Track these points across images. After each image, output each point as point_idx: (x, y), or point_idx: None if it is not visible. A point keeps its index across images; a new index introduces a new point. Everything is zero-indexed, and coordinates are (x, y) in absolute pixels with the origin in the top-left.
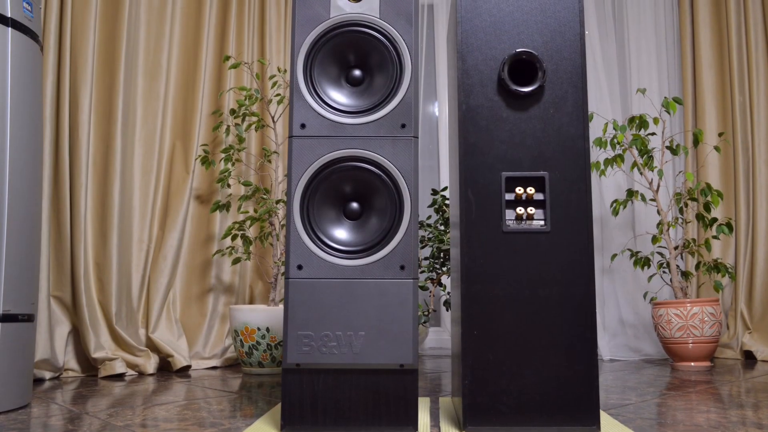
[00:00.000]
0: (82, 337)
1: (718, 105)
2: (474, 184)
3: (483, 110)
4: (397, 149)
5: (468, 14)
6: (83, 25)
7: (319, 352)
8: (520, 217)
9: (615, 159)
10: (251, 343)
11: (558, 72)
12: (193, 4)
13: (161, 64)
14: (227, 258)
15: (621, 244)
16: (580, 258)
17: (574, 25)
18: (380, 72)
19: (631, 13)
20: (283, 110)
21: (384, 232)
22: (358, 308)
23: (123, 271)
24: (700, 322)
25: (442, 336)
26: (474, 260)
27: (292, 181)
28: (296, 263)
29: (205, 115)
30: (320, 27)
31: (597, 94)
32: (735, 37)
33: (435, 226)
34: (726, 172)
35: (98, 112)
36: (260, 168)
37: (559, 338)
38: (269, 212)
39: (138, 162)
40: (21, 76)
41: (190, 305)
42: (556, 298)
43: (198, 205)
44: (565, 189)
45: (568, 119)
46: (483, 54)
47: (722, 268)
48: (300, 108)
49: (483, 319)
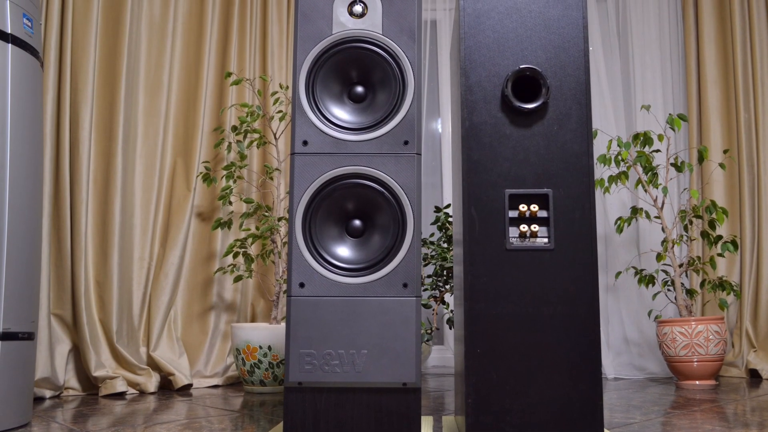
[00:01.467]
0: (83, 355)
1: (723, 122)
2: (477, 201)
3: (486, 127)
4: (400, 166)
5: (471, 30)
6: (84, 41)
7: (322, 370)
8: (524, 235)
9: (619, 176)
10: (253, 361)
11: (562, 88)
12: (195, 20)
13: (162, 81)
14: (229, 276)
15: (625, 262)
16: (584, 276)
17: (578, 41)
18: (383, 88)
19: (636, 29)
20: (285, 127)
21: (387, 249)
22: (360, 326)
23: (124, 289)
24: (705, 341)
25: (445, 354)
26: (477, 278)
27: (294, 198)
28: (298, 281)
29: (206, 132)
30: (322, 43)
31: (601, 111)
32: (740, 54)
33: (438, 243)
34: (731, 189)
35: (99, 128)
36: (262, 185)
37: (563, 357)
38: (271, 230)
39: (139, 179)
40: (21, 93)
41: (192, 323)
42: (560, 317)
43: (199, 223)
44: (569, 206)
45: (572, 136)
46: (486, 70)
47: (727, 285)
48: (302, 125)
49: (486, 337)
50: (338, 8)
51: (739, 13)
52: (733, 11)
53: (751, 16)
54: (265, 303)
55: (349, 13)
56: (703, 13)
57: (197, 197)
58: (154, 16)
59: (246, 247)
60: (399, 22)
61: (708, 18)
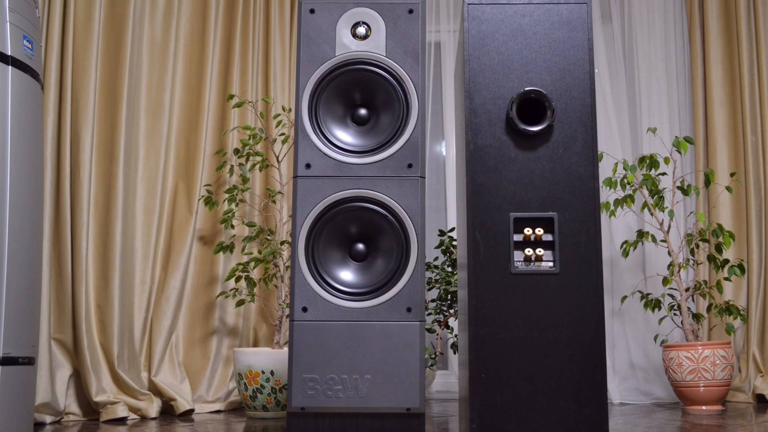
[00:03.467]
0: (84, 380)
1: (730, 145)
2: (482, 224)
3: (491, 150)
4: (404, 189)
5: (476, 52)
6: (84, 62)
7: (325, 395)
8: (529, 259)
9: (625, 199)
10: (255, 386)
11: (567, 111)
12: (196, 42)
13: (164, 103)
14: (231, 300)
15: (631, 286)
16: (590, 300)
17: (584, 64)
18: (386, 111)
19: (642, 51)
20: (288, 150)
21: (390, 273)
22: (364, 351)
23: (125, 313)
24: (712, 365)
25: (450, 379)
26: (482, 302)
27: (297, 221)
28: (301, 305)
29: (208, 155)
30: (326, 65)
31: (607, 134)
32: (747, 76)
33: (442, 267)
34: (738, 212)
35: (100, 151)
36: (264, 208)
37: (568, 381)
38: (274, 253)
39: (140, 202)
40: (21, 115)
41: (194, 348)
42: (565, 341)
43: (201, 246)
44: (575, 230)
45: (578, 159)
46: (491, 92)
47: (734, 310)
48: (305, 148)
49: (491, 361)
50: (341, 30)
51: (746, 35)
52: (740, 34)
53: (758, 39)
54: (268, 327)
55: (353, 35)
56: (709, 35)
57: (199, 220)
58: (156, 37)
59: (248, 271)
60: (403, 44)
61: (714, 40)
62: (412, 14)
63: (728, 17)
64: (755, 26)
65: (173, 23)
